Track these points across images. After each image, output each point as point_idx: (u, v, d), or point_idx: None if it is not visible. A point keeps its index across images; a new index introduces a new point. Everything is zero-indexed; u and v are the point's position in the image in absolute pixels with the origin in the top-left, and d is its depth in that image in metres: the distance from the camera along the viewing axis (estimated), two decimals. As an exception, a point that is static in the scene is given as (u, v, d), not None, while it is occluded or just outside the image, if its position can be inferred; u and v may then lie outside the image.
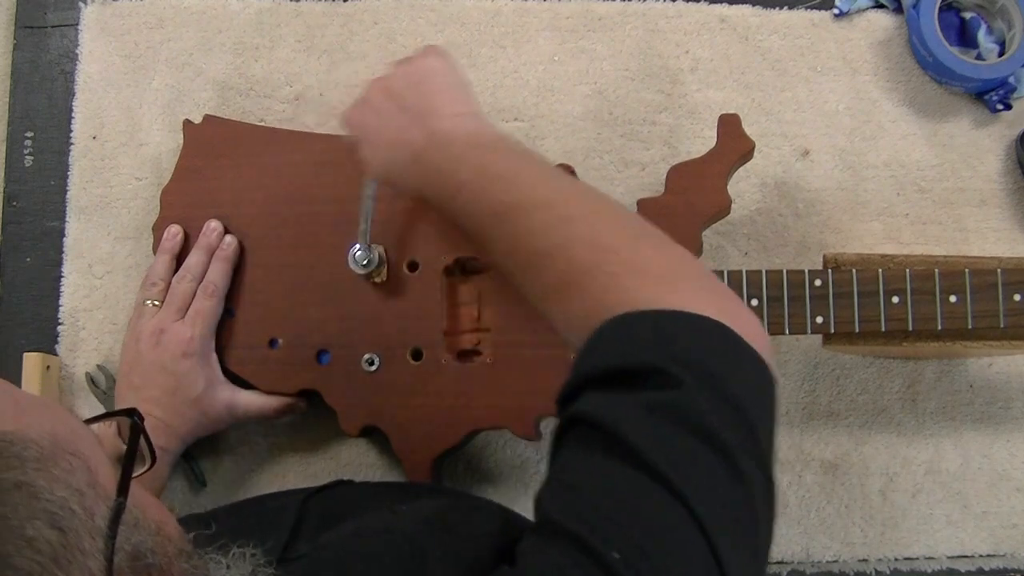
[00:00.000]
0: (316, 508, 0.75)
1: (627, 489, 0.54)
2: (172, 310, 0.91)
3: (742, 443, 0.56)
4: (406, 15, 1.05)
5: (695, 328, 0.60)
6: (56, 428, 0.47)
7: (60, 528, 0.43)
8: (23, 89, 1.05)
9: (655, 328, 0.60)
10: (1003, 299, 0.86)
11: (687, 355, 0.58)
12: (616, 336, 0.61)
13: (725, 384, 0.57)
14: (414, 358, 0.92)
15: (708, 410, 0.56)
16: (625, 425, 0.55)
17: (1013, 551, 0.99)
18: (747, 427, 0.57)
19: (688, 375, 0.56)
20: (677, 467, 0.54)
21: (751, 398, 0.58)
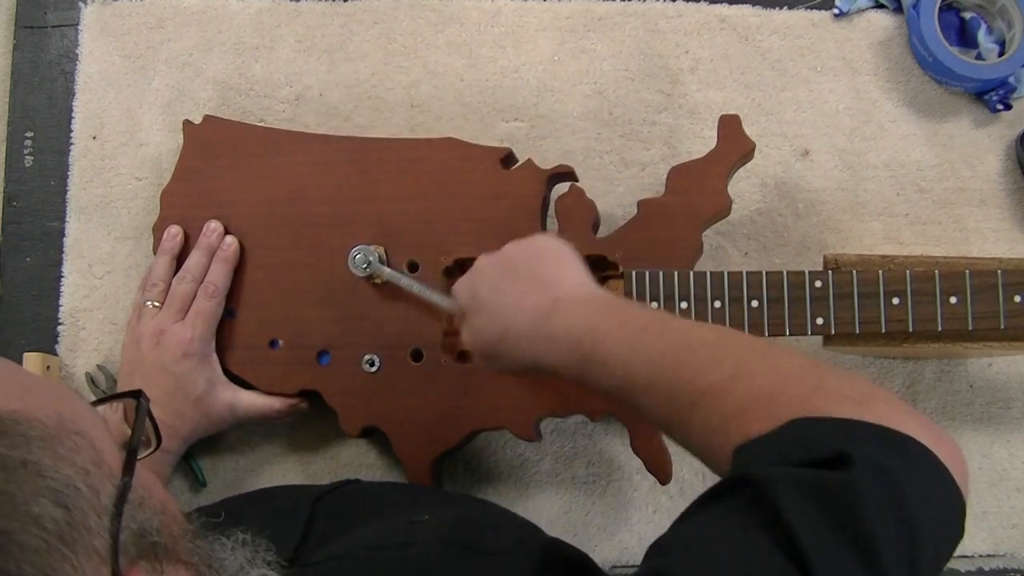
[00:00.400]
0: (326, 510, 0.75)
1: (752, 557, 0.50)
2: (172, 311, 0.92)
3: (897, 562, 0.50)
4: (406, 15, 1.05)
5: (886, 437, 0.54)
6: (62, 408, 0.48)
7: (65, 506, 0.44)
8: (23, 89, 1.05)
9: (844, 429, 0.55)
10: (1003, 300, 0.86)
11: (871, 453, 0.53)
12: (801, 433, 0.56)
13: (905, 495, 0.52)
14: (414, 359, 0.92)
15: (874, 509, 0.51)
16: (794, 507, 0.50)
17: (1013, 551, 0.99)
18: (910, 549, 0.51)
19: (862, 462, 0.52)
20: (817, 549, 0.49)
21: (929, 521, 0.53)
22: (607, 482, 0.99)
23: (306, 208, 0.95)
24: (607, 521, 0.99)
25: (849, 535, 0.50)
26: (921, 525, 0.52)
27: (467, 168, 0.94)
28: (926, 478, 0.54)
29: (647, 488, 0.99)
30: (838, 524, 0.50)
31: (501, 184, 0.93)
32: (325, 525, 0.72)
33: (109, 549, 0.45)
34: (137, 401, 0.55)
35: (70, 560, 0.43)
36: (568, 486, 0.99)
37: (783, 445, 0.55)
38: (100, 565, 0.45)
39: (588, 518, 0.99)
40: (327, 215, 0.94)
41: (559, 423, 0.99)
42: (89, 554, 0.44)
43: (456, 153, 0.94)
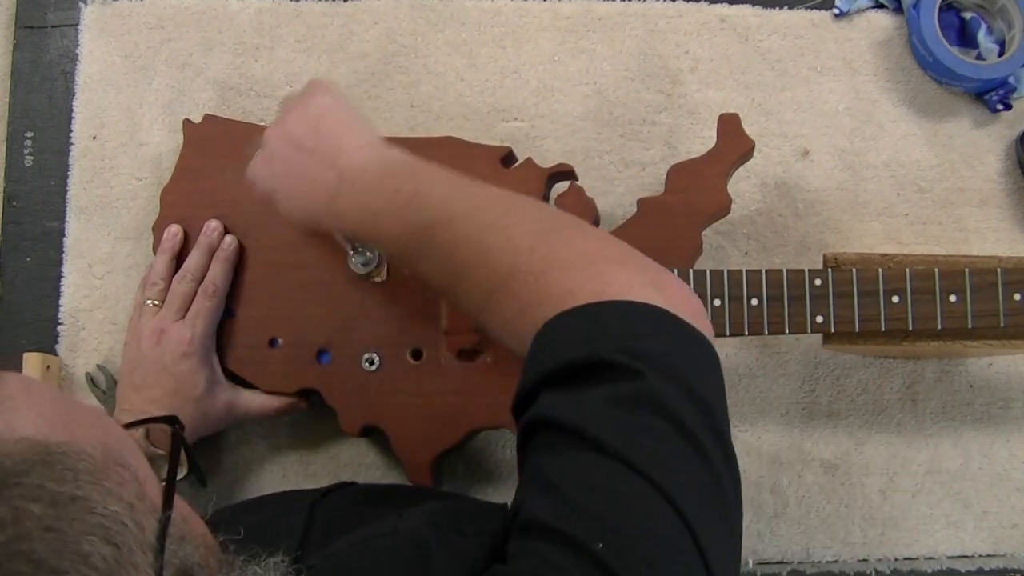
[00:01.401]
0: (323, 514, 0.75)
1: (603, 481, 0.55)
2: (172, 310, 0.91)
3: (702, 424, 0.57)
4: (406, 15, 1.05)
5: (631, 315, 0.61)
6: (106, 438, 0.47)
7: (115, 544, 0.43)
8: (23, 89, 1.05)
9: (594, 322, 0.61)
10: (1003, 298, 0.86)
11: (633, 344, 0.59)
12: (558, 336, 0.62)
13: (676, 368, 0.59)
14: (414, 358, 0.92)
15: (668, 397, 0.57)
16: (590, 422, 0.56)
17: (1013, 551, 0.99)
18: (703, 407, 0.58)
19: (641, 364, 0.58)
20: (648, 456, 0.55)
21: (701, 377, 0.60)
22: (607, 482, 0.99)
23: (306, 207, 0.95)
24: (607, 521, 0.99)
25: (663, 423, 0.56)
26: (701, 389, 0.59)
27: (467, 167, 0.93)
28: (687, 347, 0.61)
29: (647, 488, 0.99)
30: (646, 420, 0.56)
31: (501, 183, 0.92)
32: (322, 530, 0.72)
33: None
34: (172, 428, 0.55)
35: None
36: (568, 486, 0.99)
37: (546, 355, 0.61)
38: None
39: (588, 518, 0.99)
40: (327, 214, 0.94)
41: (559, 423, 0.99)
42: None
43: (456, 152, 0.94)
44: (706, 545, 0.54)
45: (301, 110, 0.80)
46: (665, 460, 0.55)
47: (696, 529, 0.54)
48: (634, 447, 0.55)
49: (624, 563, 0.52)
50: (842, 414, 1.00)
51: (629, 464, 0.54)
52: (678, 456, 0.56)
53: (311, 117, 0.80)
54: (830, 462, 1.00)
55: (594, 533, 0.52)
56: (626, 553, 0.52)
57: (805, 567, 0.98)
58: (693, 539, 0.54)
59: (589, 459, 0.56)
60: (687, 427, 0.56)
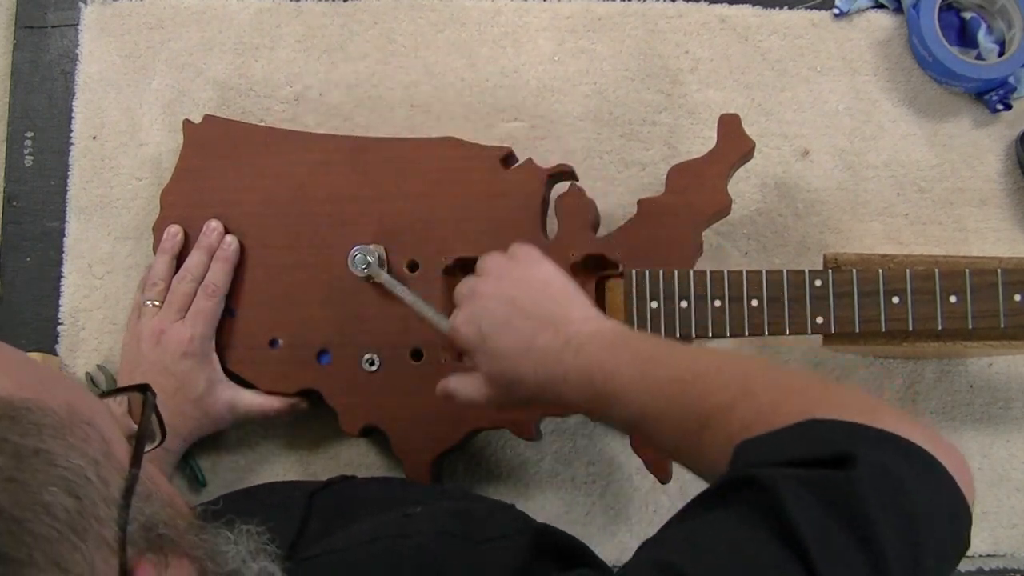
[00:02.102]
0: (323, 505, 0.75)
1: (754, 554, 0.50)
2: (172, 310, 0.92)
3: (900, 559, 0.50)
4: (406, 15, 1.05)
5: (893, 444, 0.55)
6: (72, 399, 0.48)
7: (76, 495, 0.44)
8: (23, 89, 1.05)
9: (846, 431, 0.55)
10: (1003, 299, 0.86)
11: (872, 454, 0.53)
12: (802, 432, 0.56)
13: (908, 495, 0.52)
14: (414, 358, 0.92)
15: (876, 506, 0.51)
16: (787, 493, 0.51)
17: (1013, 551, 0.99)
18: (914, 548, 0.51)
19: (864, 460, 0.52)
20: (819, 547, 0.49)
21: (932, 521, 0.53)
22: (607, 482, 0.99)
23: (306, 207, 0.95)
24: (607, 521, 0.99)
25: (852, 531, 0.50)
26: (925, 527, 0.52)
27: (467, 168, 0.94)
28: (930, 483, 0.54)
29: (647, 488, 0.99)
30: (840, 519, 0.50)
31: (501, 184, 0.93)
32: (321, 520, 0.73)
33: (118, 540, 0.45)
34: (144, 395, 0.55)
35: (80, 550, 0.43)
36: (568, 486, 0.99)
37: (784, 443, 0.56)
38: (109, 556, 0.45)
39: (588, 518, 0.99)
40: (327, 215, 0.94)
41: (559, 423, 0.99)
42: (99, 544, 0.44)
43: (456, 153, 0.94)
44: None
45: (517, 275, 0.78)
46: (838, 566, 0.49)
47: None
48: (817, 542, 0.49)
49: None
50: (842, 414, 1.00)
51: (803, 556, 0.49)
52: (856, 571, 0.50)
53: (535, 283, 0.77)
54: (830, 462, 1.00)
55: None
56: None
57: (805, 567, 0.98)
58: None
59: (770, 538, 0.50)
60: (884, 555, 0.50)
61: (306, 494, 0.77)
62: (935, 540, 0.53)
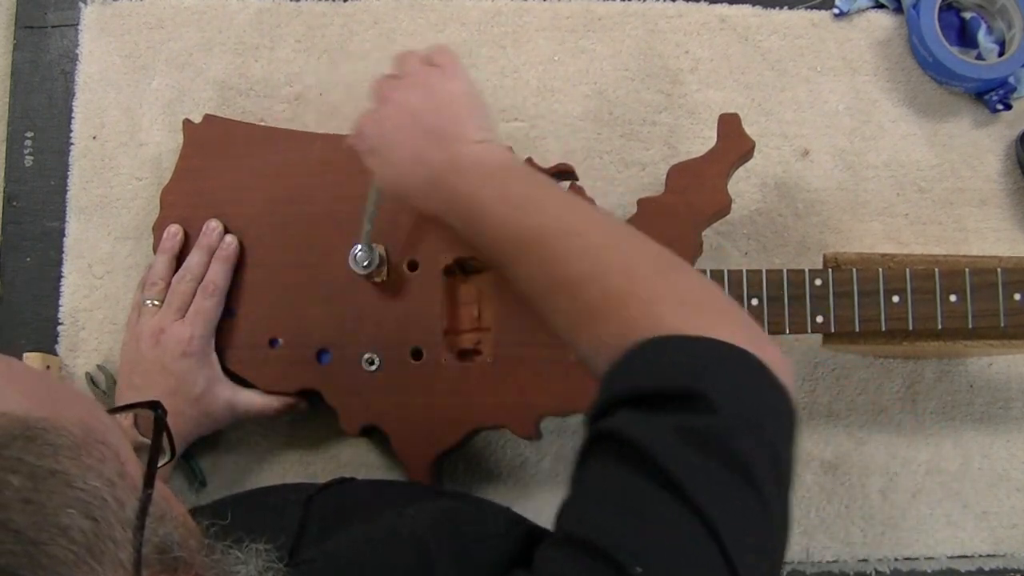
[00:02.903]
0: (320, 509, 0.75)
1: (656, 508, 0.54)
2: (172, 310, 0.92)
3: (768, 474, 0.56)
4: (406, 15, 1.05)
5: (727, 356, 0.60)
6: (87, 417, 0.47)
7: (93, 517, 0.44)
8: (23, 89, 1.05)
9: (688, 353, 0.60)
10: (1003, 299, 0.86)
11: (720, 382, 0.58)
12: (649, 358, 0.61)
13: (756, 415, 0.58)
14: (414, 358, 0.92)
15: (741, 439, 0.56)
16: (659, 446, 0.55)
17: (1013, 551, 0.99)
18: (774, 458, 0.57)
19: (723, 402, 0.57)
20: (708, 494, 0.54)
21: (777, 428, 0.59)
22: (607, 482, 0.99)
23: (306, 207, 0.95)
24: (607, 521, 0.99)
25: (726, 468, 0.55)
26: (775, 436, 0.58)
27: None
28: (764, 389, 0.60)
29: (647, 488, 0.99)
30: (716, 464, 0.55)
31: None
32: (318, 524, 0.73)
33: (132, 562, 0.45)
34: (155, 412, 0.55)
35: (96, 572, 0.43)
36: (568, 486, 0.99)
37: (637, 374, 0.60)
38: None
39: (588, 518, 0.99)
40: (327, 214, 0.94)
41: (559, 422, 0.99)
42: (115, 567, 0.44)
43: (456, 152, 0.94)
44: None
45: (429, 85, 0.79)
46: (726, 505, 0.54)
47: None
48: (699, 485, 0.54)
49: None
50: (842, 414, 1.00)
51: (689, 501, 0.54)
52: (740, 504, 0.55)
53: (438, 96, 0.79)
54: (830, 462, 1.00)
55: (636, 556, 0.52)
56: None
57: (805, 567, 0.98)
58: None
59: (649, 484, 0.55)
60: (754, 474, 0.55)
61: (303, 497, 0.77)
62: (784, 447, 0.59)
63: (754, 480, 0.55)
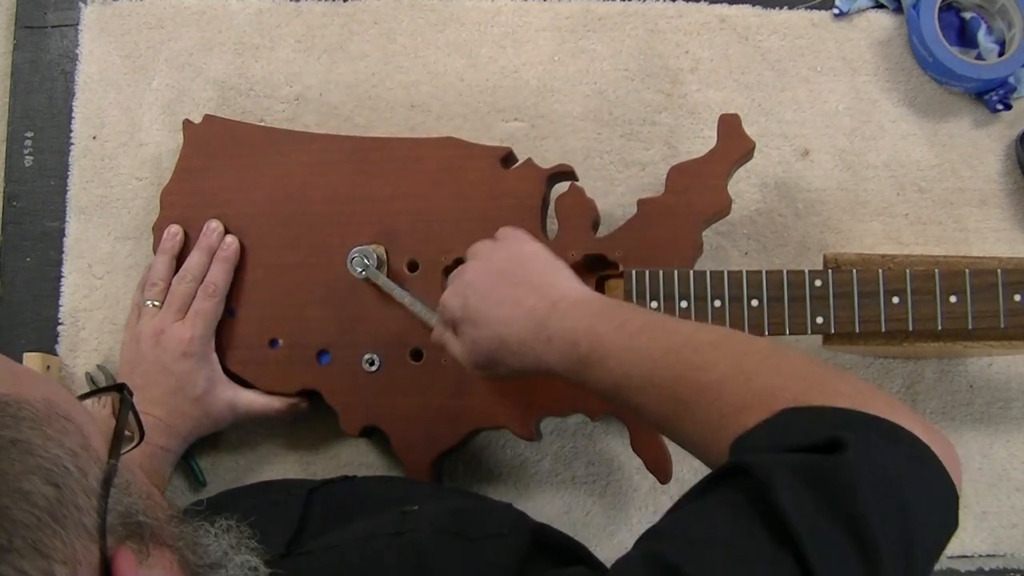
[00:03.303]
0: (321, 503, 0.75)
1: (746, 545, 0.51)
2: (172, 310, 0.92)
3: (891, 547, 0.51)
4: (406, 15, 1.05)
5: (883, 429, 0.55)
6: (50, 394, 0.49)
7: (55, 484, 0.45)
8: (23, 89, 1.05)
9: (840, 419, 0.56)
10: (1003, 299, 0.86)
11: (866, 441, 0.53)
12: (791, 421, 0.57)
13: (899, 482, 0.53)
14: (414, 358, 0.92)
15: (866, 493, 0.51)
16: (778, 480, 0.51)
17: (1013, 551, 0.99)
18: (905, 535, 0.52)
19: (859, 455, 0.52)
20: (811, 535, 0.50)
21: (922, 508, 0.53)
22: (607, 482, 0.99)
23: (306, 208, 0.95)
24: (607, 521, 0.99)
25: (841, 518, 0.50)
26: (915, 511, 0.52)
27: (467, 168, 0.94)
28: (919, 466, 0.55)
29: (647, 488, 0.99)
30: (830, 506, 0.50)
31: (501, 183, 0.93)
32: (320, 517, 0.73)
33: (97, 528, 0.46)
34: (121, 394, 0.56)
35: (60, 536, 0.44)
36: (568, 486, 0.99)
37: (777, 432, 0.56)
38: (89, 543, 0.46)
39: (588, 518, 0.99)
40: (327, 215, 0.94)
41: (559, 423, 0.99)
42: (79, 531, 0.45)
43: (456, 152, 0.94)
44: None
45: (508, 249, 0.80)
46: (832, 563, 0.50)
47: None
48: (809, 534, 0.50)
49: None
50: (842, 414, 1.00)
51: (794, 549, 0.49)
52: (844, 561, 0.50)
53: (521, 255, 0.79)
54: (830, 462, 0.99)
55: None
56: None
57: (805, 567, 0.98)
58: None
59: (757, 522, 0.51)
60: (875, 546, 0.50)
61: (305, 491, 0.78)
62: (925, 527, 0.53)
63: (870, 548, 0.50)
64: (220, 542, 0.57)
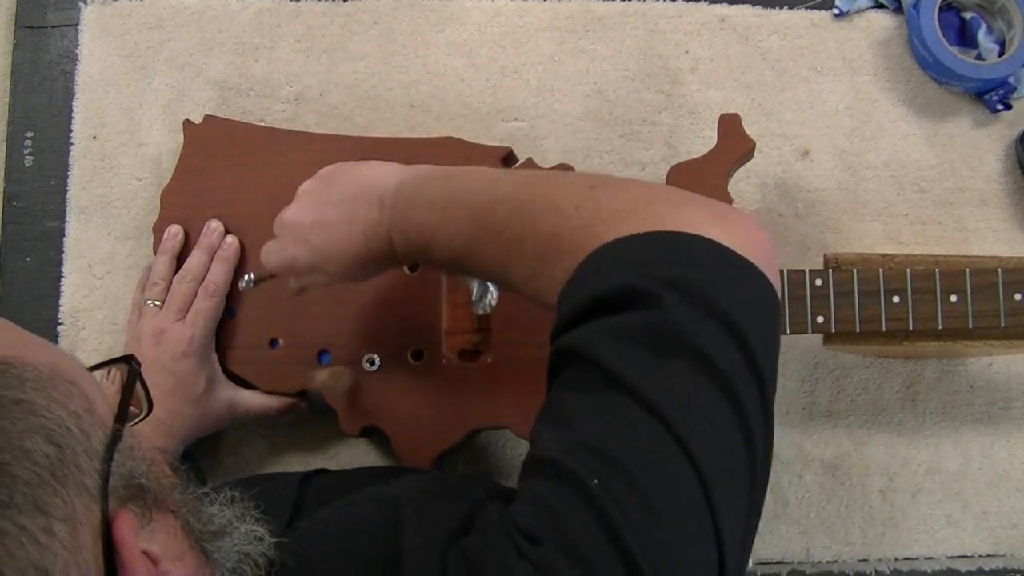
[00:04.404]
0: (314, 490, 0.76)
1: (612, 416, 0.53)
2: (173, 310, 0.92)
3: (735, 363, 0.54)
4: (406, 15, 1.05)
5: (674, 245, 0.58)
6: (56, 359, 0.49)
7: (57, 444, 0.46)
8: (23, 89, 1.05)
9: (632, 252, 0.58)
10: (1003, 298, 0.86)
11: (666, 272, 0.56)
12: (596, 267, 0.59)
13: (712, 299, 0.55)
14: (415, 358, 0.92)
15: (692, 327, 0.54)
16: (602, 350, 0.54)
17: (1013, 551, 0.99)
18: (742, 346, 0.54)
19: (667, 292, 0.54)
20: (661, 390, 0.53)
21: (745, 312, 0.56)
22: (607, 482, 0.99)
23: (306, 207, 0.95)
24: (607, 521, 0.99)
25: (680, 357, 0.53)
26: (744, 325, 0.55)
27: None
28: (732, 278, 0.57)
29: (647, 488, 0.99)
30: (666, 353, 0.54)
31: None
32: (314, 503, 0.74)
33: (99, 489, 0.47)
34: (129, 365, 0.57)
35: (60, 494, 0.45)
36: (568, 486, 0.99)
37: (586, 285, 0.58)
38: (90, 503, 0.46)
39: (588, 518, 0.99)
40: (327, 214, 0.94)
41: (559, 423, 0.99)
42: (79, 491, 0.46)
43: (456, 152, 0.94)
44: (718, 500, 0.51)
45: (315, 184, 0.79)
46: (682, 399, 0.53)
47: (708, 481, 0.51)
48: (651, 383, 0.53)
49: (618, 502, 0.50)
50: (842, 414, 1.00)
51: (639, 398, 0.52)
52: (698, 397, 0.53)
53: (328, 180, 0.78)
54: (830, 462, 1.00)
55: (592, 469, 0.51)
56: (622, 492, 0.51)
57: (805, 567, 0.98)
58: (703, 489, 0.51)
59: (601, 392, 0.54)
60: (715, 365, 0.53)
61: (298, 478, 0.78)
62: (756, 330, 0.55)
63: (713, 369, 0.53)
64: (225, 511, 0.57)
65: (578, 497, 0.51)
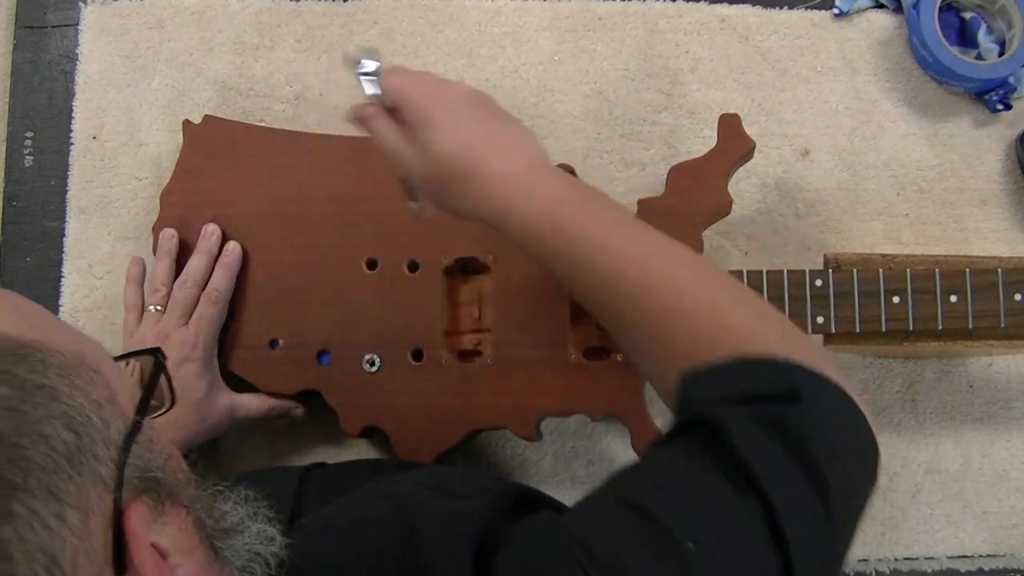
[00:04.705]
0: (315, 484, 0.76)
1: (713, 491, 0.55)
2: (175, 316, 0.91)
3: (841, 489, 0.56)
4: (406, 15, 1.05)
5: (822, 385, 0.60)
6: (83, 348, 0.50)
7: (76, 432, 0.46)
8: (23, 89, 1.05)
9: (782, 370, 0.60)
10: (1004, 299, 0.86)
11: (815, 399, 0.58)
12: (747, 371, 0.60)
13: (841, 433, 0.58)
14: (415, 358, 0.92)
15: (818, 442, 0.56)
16: (733, 424, 0.56)
17: (1013, 551, 0.99)
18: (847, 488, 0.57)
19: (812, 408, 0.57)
20: (774, 480, 0.54)
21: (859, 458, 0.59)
22: (607, 482, 0.99)
23: (306, 208, 0.95)
24: (607, 521, 0.99)
25: (798, 463, 0.55)
26: (851, 467, 0.58)
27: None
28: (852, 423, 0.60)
29: (647, 488, 0.99)
30: (787, 451, 0.55)
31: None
32: (314, 497, 0.74)
33: (114, 479, 0.47)
34: (155, 357, 0.57)
35: (75, 482, 0.45)
36: (568, 486, 0.99)
37: (728, 378, 0.60)
38: (104, 492, 0.46)
39: (588, 518, 0.99)
40: (327, 215, 0.94)
41: (559, 423, 0.99)
42: (95, 480, 0.46)
43: (456, 153, 0.94)
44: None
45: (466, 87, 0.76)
46: (789, 496, 0.54)
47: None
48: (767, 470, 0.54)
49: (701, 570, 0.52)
50: (842, 414, 1.00)
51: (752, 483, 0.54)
52: (803, 501, 0.55)
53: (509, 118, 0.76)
54: (830, 462, 1.00)
55: (689, 531, 0.53)
56: (709, 562, 0.52)
57: (805, 567, 0.98)
58: None
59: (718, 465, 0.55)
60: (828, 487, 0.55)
61: (298, 472, 0.79)
62: (858, 483, 0.59)
63: (824, 487, 0.55)
64: (238, 509, 0.57)
65: (669, 557, 0.52)
